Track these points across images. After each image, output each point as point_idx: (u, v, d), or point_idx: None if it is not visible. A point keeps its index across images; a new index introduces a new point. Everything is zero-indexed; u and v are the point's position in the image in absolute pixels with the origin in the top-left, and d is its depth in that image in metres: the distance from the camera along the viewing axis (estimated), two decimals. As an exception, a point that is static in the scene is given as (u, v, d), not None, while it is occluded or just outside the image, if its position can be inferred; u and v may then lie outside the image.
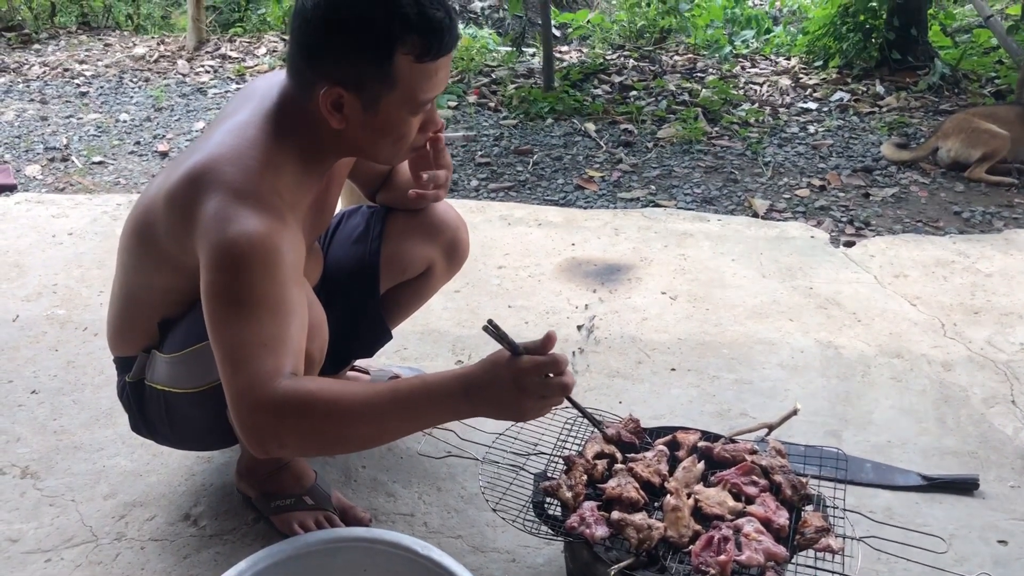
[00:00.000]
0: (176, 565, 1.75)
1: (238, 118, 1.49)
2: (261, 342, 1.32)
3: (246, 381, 1.29)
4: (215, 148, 1.44)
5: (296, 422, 1.29)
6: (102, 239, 3.03)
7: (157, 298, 1.63)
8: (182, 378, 1.63)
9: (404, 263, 1.91)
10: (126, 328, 1.69)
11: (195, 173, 1.41)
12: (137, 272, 1.62)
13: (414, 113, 1.44)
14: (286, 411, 1.28)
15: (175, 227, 1.45)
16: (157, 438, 1.79)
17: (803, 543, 1.49)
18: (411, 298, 2.00)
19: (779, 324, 2.58)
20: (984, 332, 2.54)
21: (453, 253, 1.97)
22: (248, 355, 1.31)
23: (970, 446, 2.07)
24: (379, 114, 1.42)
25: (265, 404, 1.28)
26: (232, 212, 1.35)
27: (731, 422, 2.12)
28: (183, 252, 1.47)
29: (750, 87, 5.06)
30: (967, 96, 4.82)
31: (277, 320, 1.34)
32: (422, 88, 1.41)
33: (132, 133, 4.44)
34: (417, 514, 1.87)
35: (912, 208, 3.53)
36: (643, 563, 1.48)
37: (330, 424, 1.30)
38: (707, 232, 3.16)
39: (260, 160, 1.41)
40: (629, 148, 4.22)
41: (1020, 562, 1.75)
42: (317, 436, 1.32)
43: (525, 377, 1.29)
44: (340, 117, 1.41)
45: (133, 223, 1.60)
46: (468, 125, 4.48)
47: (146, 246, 1.56)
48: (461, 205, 3.34)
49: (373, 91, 1.39)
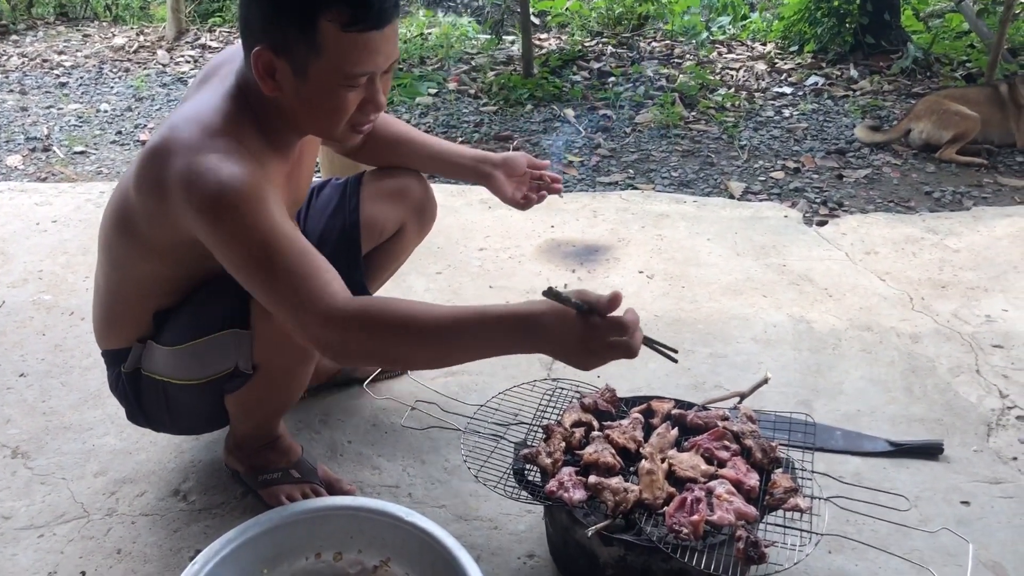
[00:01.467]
0: (167, 539, 1.79)
1: (198, 97, 1.50)
2: (308, 266, 1.35)
3: (311, 297, 1.33)
4: (173, 122, 1.44)
5: (365, 337, 1.33)
6: (86, 226, 3.06)
7: (148, 289, 1.63)
8: (186, 370, 1.65)
9: (379, 226, 1.95)
10: (116, 322, 1.70)
11: (155, 148, 1.42)
12: (123, 267, 1.62)
13: (346, 86, 1.41)
14: (355, 325, 1.32)
15: (151, 208, 1.46)
16: (155, 426, 1.81)
17: (772, 503, 1.55)
18: (387, 260, 2.05)
19: (753, 300, 2.64)
20: (951, 305, 2.61)
21: (423, 211, 2.02)
22: (303, 276, 1.34)
23: (936, 413, 2.14)
24: (308, 82, 1.39)
25: (336, 318, 1.32)
26: (203, 165, 1.36)
27: (706, 394, 2.18)
28: (168, 233, 1.48)
29: (726, 72, 5.12)
30: (939, 79, 4.90)
31: (304, 247, 1.37)
32: (351, 60, 1.37)
33: (113, 123, 4.45)
34: (402, 486, 1.93)
35: (884, 189, 3.61)
36: (619, 525, 1.54)
37: (397, 344, 1.34)
38: (683, 213, 3.22)
39: (219, 124, 1.42)
40: (608, 133, 4.27)
41: (981, 521, 1.82)
42: (382, 354, 1.37)
43: (594, 338, 1.28)
44: (273, 83, 1.40)
45: (111, 218, 1.60)
46: (448, 112, 4.52)
47: (129, 239, 1.56)
48: (442, 189, 3.38)
49: (300, 56, 1.37)
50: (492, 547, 1.76)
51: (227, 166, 1.36)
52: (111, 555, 1.75)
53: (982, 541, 1.76)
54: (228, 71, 1.52)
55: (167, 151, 1.39)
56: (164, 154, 1.40)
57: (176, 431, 1.88)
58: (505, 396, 1.87)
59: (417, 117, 4.48)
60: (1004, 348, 2.40)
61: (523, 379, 2.05)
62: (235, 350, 1.62)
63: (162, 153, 1.40)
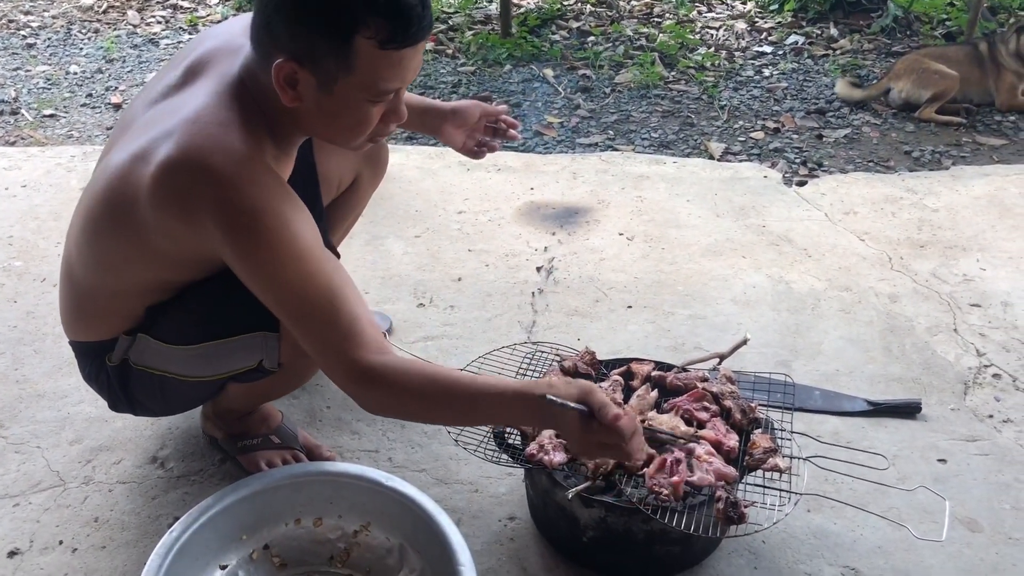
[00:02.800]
0: (144, 506, 1.78)
1: (202, 100, 1.39)
2: (340, 307, 1.36)
3: (339, 346, 1.36)
4: (194, 139, 1.33)
5: (384, 395, 1.38)
6: (57, 191, 3.00)
7: (145, 289, 1.55)
8: (195, 368, 1.60)
9: (336, 179, 1.90)
10: (99, 317, 1.61)
11: (175, 164, 1.33)
12: (118, 268, 1.52)
13: (373, 101, 1.35)
14: (379, 384, 1.36)
15: (171, 226, 1.38)
16: (140, 412, 1.76)
17: (752, 464, 1.55)
18: (346, 212, 2.02)
19: (732, 261, 2.64)
20: (929, 265, 2.62)
21: (376, 160, 1.99)
22: (333, 318, 1.36)
23: (914, 373, 2.16)
24: (334, 96, 1.33)
25: (360, 374, 1.36)
26: (235, 190, 1.31)
27: (685, 355, 2.17)
28: (186, 249, 1.42)
29: (707, 31, 5.08)
30: (919, 38, 4.88)
31: (338, 282, 1.38)
32: (383, 76, 1.31)
33: (83, 85, 4.36)
34: (381, 450, 1.92)
35: (864, 148, 3.60)
36: (600, 487, 1.54)
37: (416, 408, 1.41)
38: (663, 175, 3.21)
39: (244, 148, 1.34)
40: (587, 93, 4.23)
41: (957, 478, 1.84)
42: (400, 412, 1.47)
43: (590, 440, 1.33)
44: (294, 94, 1.33)
45: (105, 218, 1.47)
46: (425, 72, 4.46)
47: (131, 246, 1.46)
48: (420, 152, 3.35)
49: (329, 71, 1.30)
50: (473, 510, 1.76)
51: (262, 200, 1.32)
52: (88, 523, 1.74)
53: (958, 498, 1.78)
54: (227, 63, 1.42)
55: (195, 177, 1.32)
56: (191, 179, 1.32)
57: (163, 415, 1.86)
58: (485, 360, 1.86)
59: (394, 78, 4.42)
60: (981, 307, 2.41)
61: (503, 342, 2.04)
62: (262, 351, 1.58)
63: (189, 178, 1.32)
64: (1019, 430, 1.98)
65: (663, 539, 1.55)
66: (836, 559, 1.66)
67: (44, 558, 1.67)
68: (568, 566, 1.64)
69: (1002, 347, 2.25)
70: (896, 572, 1.63)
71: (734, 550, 1.67)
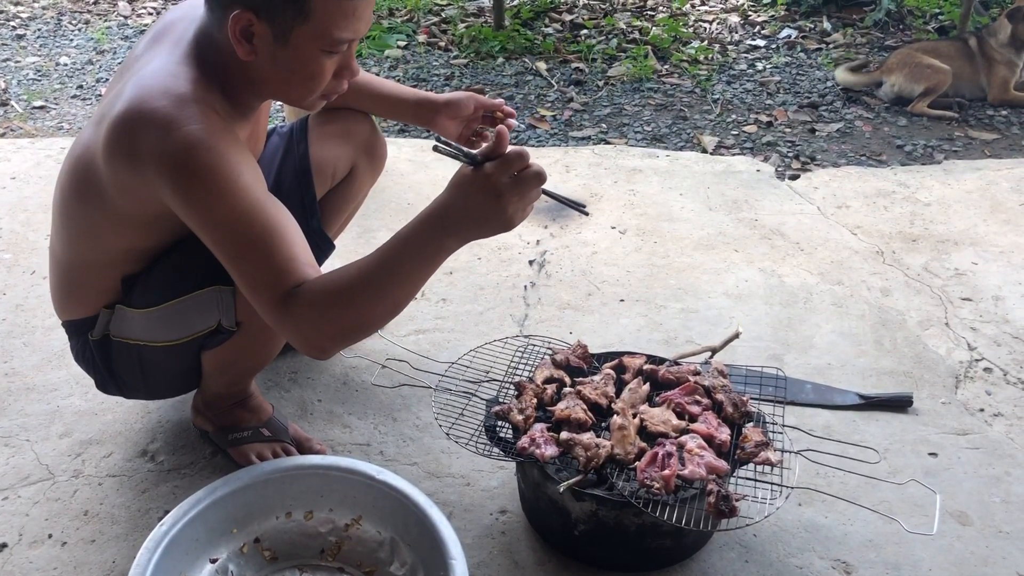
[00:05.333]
0: (135, 499, 1.77)
1: (157, 61, 1.42)
2: (275, 244, 1.33)
3: (270, 299, 1.33)
4: (141, 91, 1.36)
5: (316, 316, 1.32)
6: (46, 183, 2.98)
7: (118, 259, 1.59)
8: (160, 332, 1.62)
9: (330, 168, 1.89)
10: (80, 291, 1.65)
11: (125, 119, 1.35)
12: (90, 237, 1.56)
13: (328, 53, 1.37)
14: (302, 304, 1.31)
15: (124, 180, 1.41)
16: (127, 393, 1.78)
17: (743, 457, 1.55)
18: (342, 203, 2.00)
19: (725, 255, 2.64)
20: (921, 259, 2.62)
21: (373, 150, 1.97)
22: (267, 254, 1.33)
23: (905, 366, 2.16)
24: (289, 47, 1.35)
25: (288, 302, 1.32)
26: (177, 137, 1.31)
27: (677, 349, 2.18)
28: (142, 205, 1.44)
29: (700, 25, 5.07)
30: (912, 32, 4.89)
31: (275, 224, 1.35)
32: (338, 25, 1.34)
33: (74, 76, 4.33)
34: (373, 443, 1.91)
35: (856, 142, 3.60)
36: (591, 480, 1.54)
37: (348, 312, 1.33)
38: (656, 168, 3.20)
39: (189, 91, 1.36)
40: (580, 87, 4.22)
41: (948, 472, 1.84)
42: (340, 326, 1.35)
43: (497, 182, 1.25)
44: (249, 48, 1.35)
45: (72, 187, 1.53)
46: (418, 65, 4.44)
47: (96, 210, 1.50)
48: (412, 144, 3.34)
49: (285, 20, 1.32)
50: (464, 504, 1.76)
51: (201, 137, 1.31)
52: (78, 516, 1.73)
53: (949, 491, 1.79)
54: (183, 29, 1.46)
55: (140, 122, 1.34)
56: (137, 126, 1.34)
57: (149, 396, 1.85)
58: (476, 353, 1.86)
59: (386, 70, 4.40)
60: (973, 301, 2.42)
61: (495, 336, 2.04)
62: (218, 307, 1.59)
63: (134, 124, 1.34)
64: (1010, 424, 1.98)
65: (654, 532, 1.55)
66: (827, 552, 1.66)
67: (33, 552, 1.66)
68: (559, 559, 1.64)
69: (993, 341, 2.25)
70: (886, 565, 1.63)
71: (725, 543, 1.67)
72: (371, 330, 1.39)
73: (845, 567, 1.63)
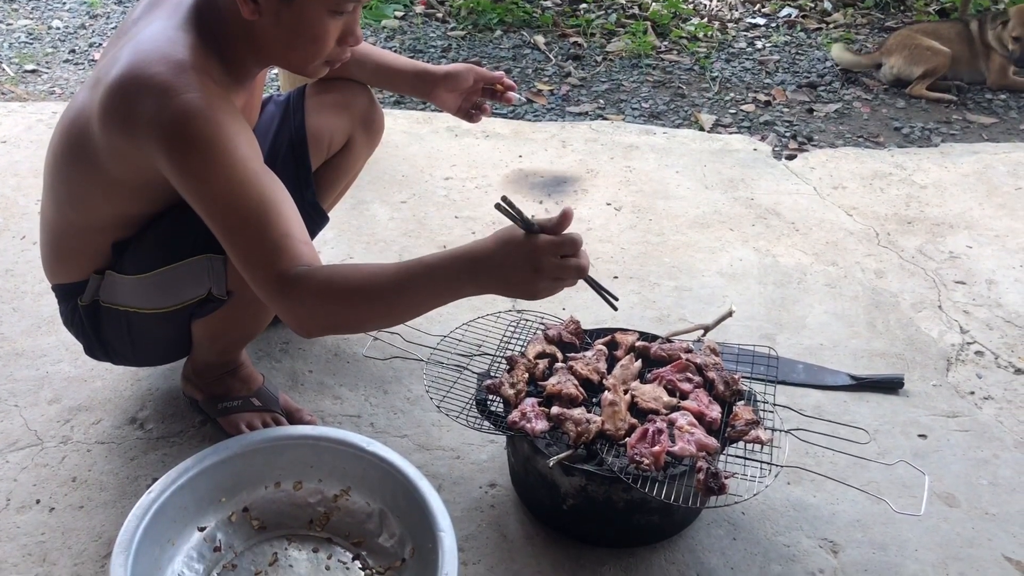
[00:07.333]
0: (123, 467, 1.77)
1: (156, 25, 1.40)
2: (270, 219, 1.31)
3: (265, 276, 1.31)
4: (138, 56, 1.34)
5: (315, 304, 1.30)
6: (38, 147, 2.95)
7: (108, 224, 1.57)
8: (150, 299, 1.61)
9: (326, 139, 1.87)
10: (71, 255, 1.64)
11: (122, 84, 1.33)
12: (82, 201, 1.55)
13: (333, 14, 1.36)
14: (305, 295, 1.29)
15: (118, 146, 1.39)
16: (115, 359, 1.77)
17: (734, 435, 1.55)
18: (337, 175, 1.97)
19: (720, 234, 2.63)
20: (916, 241, 2.62)
21: (370, 122, 1.95)
22: (262, 230, 1.30)
23: (897, 348, 2.16)
24: (294, 6, 1.33)
25: (286, 289, 1.30)
26: (175, 104, 1.29)
27: (670, 327, 2.17)
28: (136, 171, 1.42)
29: (699, 2, 5.03)
30: (912, 13, 4.86)
31: (270, 198, 1.33)
32: None
33: (66, 40, 4.28)
34: (363, 415, 1.91)
35: (854, 123, 3.59)
36: (581, 455, 1.54)
37: (347, 312, 1.32)
38: (653, 145, 3.18)
39: (188, 58, 1.34)
40: (578, 62, 4.19)
41: (937, 454, 1.85)
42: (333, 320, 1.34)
43: (541, 258, 1.23)
44: (254, 7, 1.33)
45: (65, 151, 1.52)
46: (415, 36, 4.40)
47: (89, 175, 1.49)
48: (408, 116, 3.31)
49: None
50: (454, 476, 1.76)
51: (198, 106, 1.29)
52: (66, 483, 1.73)
53: (937, 473, 1.79)
54: None
55: (137, 88, 1.32)
56: (133, 91, 1.32)
57: (138, 363, 1.84)
58: (469, 327, 1.85)
59: (383, 41, 4.36)
60: (966, 284, 2.42)
61: (487, 310, 2.03)
62: (209, 275, 1.58)
63: (131, 90, 1.32)
64: (999, 407, 1.99)
65: (643, 508, 1.55)
66: (814, 531, 1.67)
67: (21, 517, 1.65)
68: (548, 533, 1.64)
69: (985, 325, 2.26)
70: (873, 545, 1.64)
71: (713, 520, 1.68)
72: (361, 332, 1.39)
73: (832, 546, 1.64)
